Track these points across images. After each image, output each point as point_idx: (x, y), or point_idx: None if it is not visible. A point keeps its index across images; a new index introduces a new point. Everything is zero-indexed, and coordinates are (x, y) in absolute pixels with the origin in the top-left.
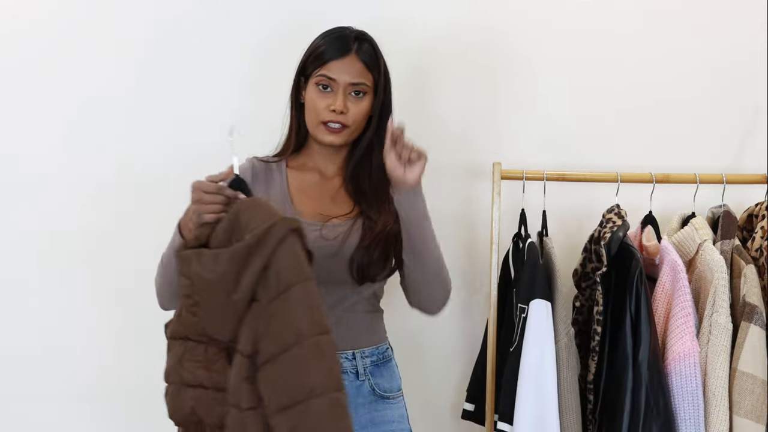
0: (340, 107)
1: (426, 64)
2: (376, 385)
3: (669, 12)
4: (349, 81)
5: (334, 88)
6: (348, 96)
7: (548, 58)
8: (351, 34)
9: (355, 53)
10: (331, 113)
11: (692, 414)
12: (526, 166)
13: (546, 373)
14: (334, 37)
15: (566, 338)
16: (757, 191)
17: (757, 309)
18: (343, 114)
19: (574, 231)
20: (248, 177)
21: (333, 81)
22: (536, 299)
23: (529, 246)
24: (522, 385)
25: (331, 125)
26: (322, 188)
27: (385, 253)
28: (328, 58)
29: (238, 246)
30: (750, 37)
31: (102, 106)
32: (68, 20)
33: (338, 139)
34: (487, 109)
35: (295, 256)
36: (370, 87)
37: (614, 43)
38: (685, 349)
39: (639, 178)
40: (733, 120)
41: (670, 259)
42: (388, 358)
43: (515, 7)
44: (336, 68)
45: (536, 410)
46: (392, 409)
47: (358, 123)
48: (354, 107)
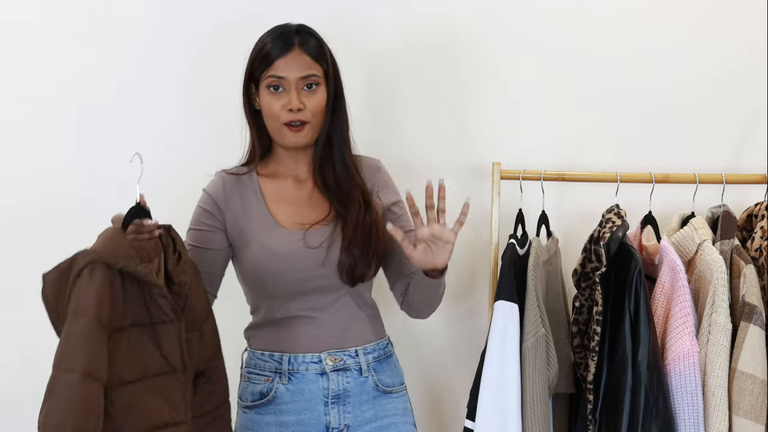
0: (296, 104)
1: (426, 64)
2: (379, 380)
3: (668, 13)
4: (299, 75)
5: (285, 86)
6: (301, 91)
7: (548, 59)
8: (291, 29)
9: (299, 46)
10: (289, 113)
11: (692, 414)
12: (526, 166)
13: (507, 374)
14: (275, 36)
15: (533, 339)
16: (756, 191)
17: (757, 309)
18: (301, 110)
19: (573, 231)
20: (220, 192)
21: (282, 79)
22: (499, 300)
23: (506, 246)
24: (484, 385)
25: (293, 125)
26: (297, 193)
27: (366, 249)
28: (273, 57)
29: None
30: (749, 38)
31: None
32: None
33: (303, 138)
34: (486, 109)
35: (83, 290)
36: (321, 77)
37: (614, 44)
38: (684, 349)
39: (638, 178)
40: (733, 120)
41: (669, 259)
42: (389, 354)
43: (516, 7)
44: (282, 66)
45: (497, 409)
46: (395, 402)
47: (317, 116)
48: (309, 101)
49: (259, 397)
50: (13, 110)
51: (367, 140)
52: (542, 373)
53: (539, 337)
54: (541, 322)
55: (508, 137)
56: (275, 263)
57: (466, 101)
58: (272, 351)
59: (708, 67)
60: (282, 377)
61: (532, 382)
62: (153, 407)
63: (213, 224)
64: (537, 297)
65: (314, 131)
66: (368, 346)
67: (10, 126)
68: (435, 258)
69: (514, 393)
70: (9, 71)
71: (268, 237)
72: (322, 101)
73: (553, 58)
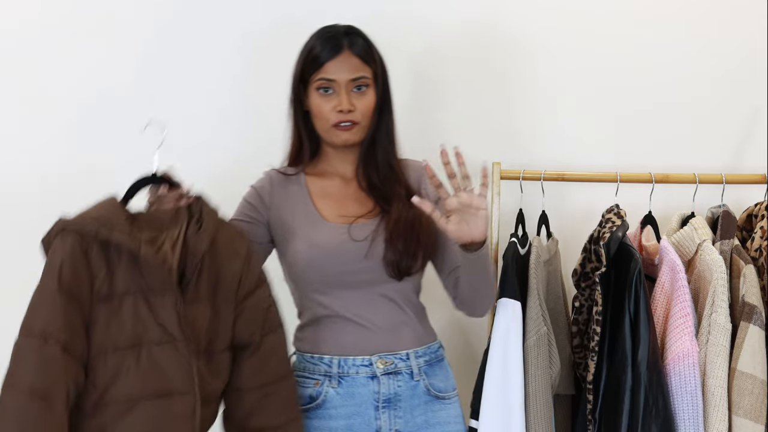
0: (346, 106)
1: (425, 64)
2: (430, 385)
3: (668, 13)
4: (349, 78)
5: (336, 88)
6: (351, 93)
7: (548, 59)
8: (340, 30)
9: (349, 48)
10: (339, 114)
11: (691, 414)
12: (526, 166)
13: (511, 372)
14: (324, 38)
15: (536, 337)
16: (756, 191)
17: (757, 309)
18: (351, 112)
19: (573, 231)
20: (266, 187)
21: (332, 82)
22: (503, 298)
23: (508, 245)
24: (487, 383)
25: (342, 125)
26: (343, 191)
27: (409, 243)
28: (322, 60)
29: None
30: (749, 38)
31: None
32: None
33: (353, 136)
34: (486, 109)
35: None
36: (370, 79)
37: (614, 44)
38: (684, 349)
39: (638, 178)
40: (733, 120)
41: (669, 259)
42: (440, 357)
43: (516, 7)
44: (332, 68)
45: (501, 408)
46: (447, 409)
47: (367, 118)
48: (360, 102)
49: (308, 401)
50: (13, 110)
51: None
52: (545, 371)
53: (541, 335)
54: (543, 321)
55: (508, 137)
56: (319, 256)
57: (467, 101)
58: (321, 354)
59: (708, 66)
60: (332, 380)
61: (534, 380)
62: (149, 375)
63: (255, 217)
64: (539, 295)
65: (364, 131)
66: (419, 350)
67: (10, 126)
68: (471, 228)
69: (517, 391)
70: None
71: (313, 230)
72: (372, 103)
73: (552, 58)
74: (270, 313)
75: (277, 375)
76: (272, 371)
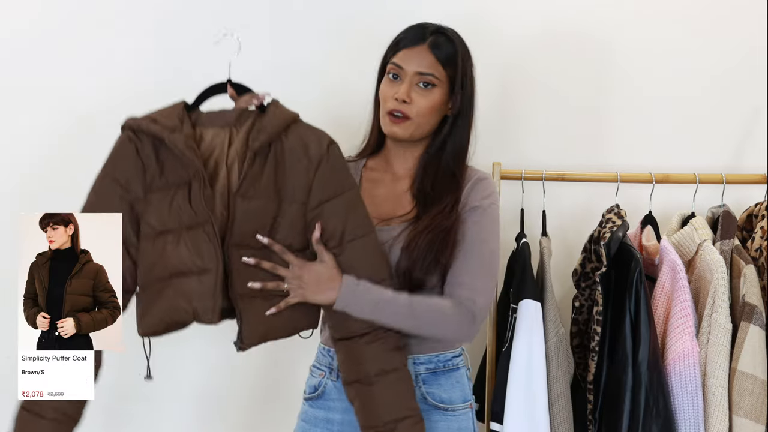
0: (402, 95)
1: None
2: (428, 393)
3: (668, 12)
4: (416, 70)
5: (402, 76)
6: (414, 87)
7: (547, 59)
8: (430, 26)
9: (428, 45)
10: (395, 102)
11: (692, 414)
12: (526, 166)
13: (535, 373)
14: (412, 27)
15: (555, 338)
16: (756, 191)
17: (757, 309)
18: (406, 104)
19: (573, 231)
20: None
21: (401, 69)
22: (525, 299)
23: (521, 246)
24: (511, 385)
25: (394, 114)
26: (390, 189)
27: (428, 255)
28: (400, 46)
29: None
30: (749, 37)
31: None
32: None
33: (400, 130)
34: (486, 110)
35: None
36: (441, 81)
37: (613, 43)
38: (684, 349)
39: (638, 178)
40: (733, 120)
41: (669, 259)
42: (452, 367)
43: (507, 8)
44: (405, 56)
45: (526, 410)
46: (448, 421)
47: (423, 117)
48: (419, 98)
49: (312, 390)
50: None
51: None
52: (565, 372)
53: (561, 336)
54: (561, 322)
55: (508, 137)
56: None
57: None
58: (330, 346)
59: (708, 66)
60: (332, 374)
61: (556, 381)
62: (183, 255)
63: None
64: (554, 296)
65: (417, 129)
66: (422, 356)
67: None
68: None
69: (542, 393)
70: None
71: None
72: (434, 103)
73: (552, 58)
74: (350, 222)
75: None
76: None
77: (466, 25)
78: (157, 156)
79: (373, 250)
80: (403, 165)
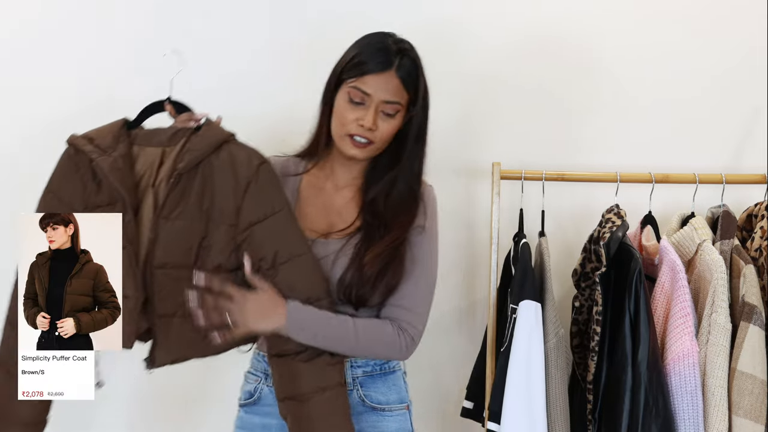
0: (369, 124)
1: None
2: (366, 396)
3: (668, 12)
4: (383, 99)
5: (367, 102)
6: (379, 114)
7: (547, 58)
8: (393, 46)
9: (395, 69)
10: (359, 128)
11: (691, 414)
12: (526, 166)
13: (534, 374)
14: (375, 49)
15: (555, 339)
16: (756, 191)
17: (757, 309)
18: (372, 131)
19: (573, 231)
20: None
21: (367, 96)
22: (525, 300)
23: (522, 247)
24: (510, 385)
25: (357, 139)
26: (331, 198)
27: (382, 276)
28: (366, 70)
29: None
30: (749, 37)
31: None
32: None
33: (362, 153)
34: (486, 110)
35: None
36: (402, 106)
37: (613, 43)
38: (684, 349)
39: (638, 178)
40: (733, 120)
41: (669, 259)
42: (388, 371)
43: (510, 5)
44: (372, 83)
45: (524, 410)
46: (387, 422)
47: (384, 141)
48: (383, 125)
49: (248, 396)
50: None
51: None
52: (563, 373)
53: (560, 337)
54: (560, 323)
55: (508, 137)
56: None
57: (467, 102)
58: (264, 352)
59: (708, 66)
60: (268, 379)
61: (555, 382)
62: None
63: None
64: (554, 297)
65: (376, 151)
66: (358, 360)
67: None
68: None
69: (540, 394)
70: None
71: None
72: (394, 128)
73: (551, 58)
74: (283, 243)
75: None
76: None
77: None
78: (94, 174)
79: (308, 269)
80: (347, 175)
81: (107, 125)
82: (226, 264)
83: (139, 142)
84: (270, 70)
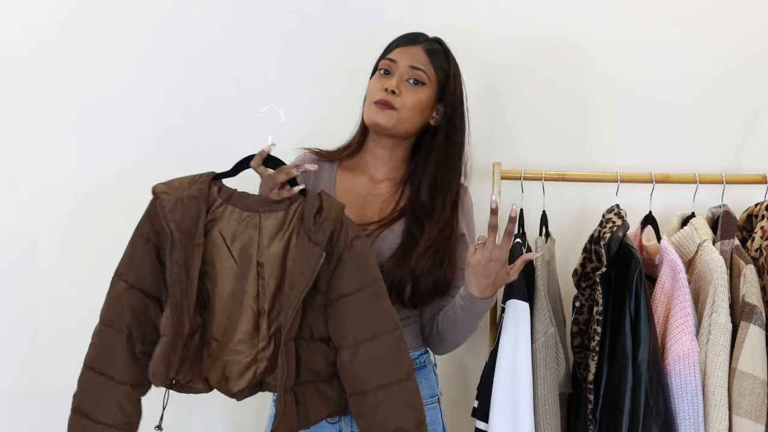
0: (391, 86)
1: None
2: None
3: (668, 12)
4: (409, 64)
5: (394, 70)
6: (405, 82)
7: (547, 58)
8: (424, 34)
9: (423, 45)
10: (383, 92)
11: (692, 414)
12: (526, 166)
13: (519, 373)
14: (406, 33)
15: (544, 338)
16: (757, 191)
17: (757, 309)
18: (395, 95)
19: (573, 231)
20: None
21: (393, 63)
22: (512, 299)
23: (514, 246)
24: (496, 384)
25: (379, 103)
26: (368, 193)
27: (431, 272)
28: (394, 46)
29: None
30: (750, 36)
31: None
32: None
33: (384, 118)
34: (486, 110)
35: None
36: (430, 80)
37: (613, 43)
38: (684, 349)
39: (639, 178)
40: (733, 120)
41: (669, 259)
42: (419, 365)
43: (508, 6)
44: (399, 53)
45: (510, 409)
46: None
47: (408, 111)
48: (408, 93)
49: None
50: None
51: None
52: (552, 372)
53: (549, 336)
54: (551, 322)
55: (508, 137)
56: None
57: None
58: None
59: (708, 65)
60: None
61: (543, 381)
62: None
63: None
64: (545, 296)
65: (399, 123)
66: None
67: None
68: (497, 279)
69: (527, 393)
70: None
71: None
72: (419, 101)
73: (551, 58)
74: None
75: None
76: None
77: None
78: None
79: (393, 347)
80: (381, 170)
81: (195, 178)
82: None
83: (234, 202)
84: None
